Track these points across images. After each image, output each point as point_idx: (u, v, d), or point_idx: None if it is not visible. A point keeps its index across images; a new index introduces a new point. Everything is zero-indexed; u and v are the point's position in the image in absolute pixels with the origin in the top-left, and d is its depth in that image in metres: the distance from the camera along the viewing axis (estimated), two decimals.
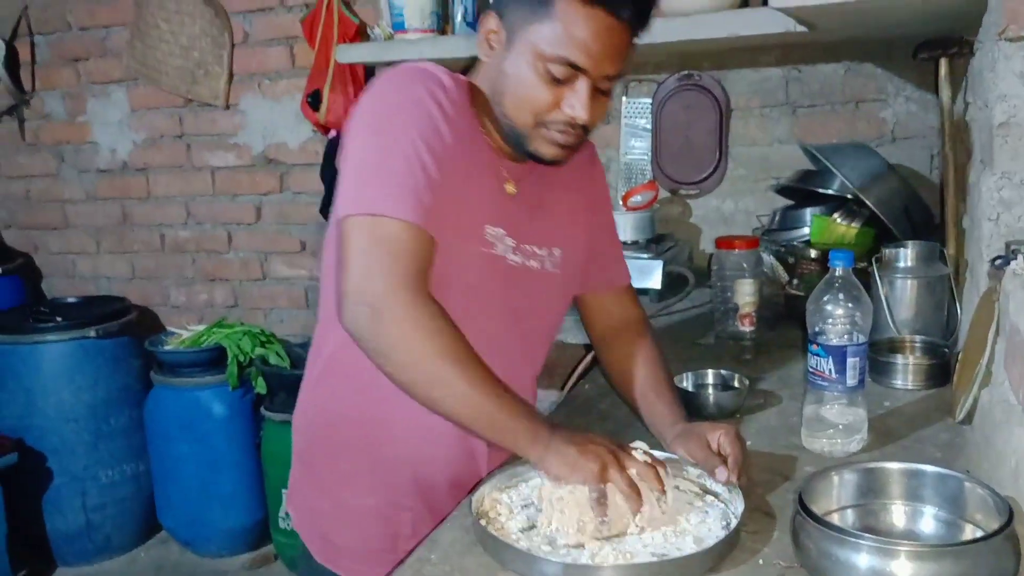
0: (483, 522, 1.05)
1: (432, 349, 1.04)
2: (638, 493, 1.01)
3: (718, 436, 1.13)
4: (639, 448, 1.09)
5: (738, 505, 1.04)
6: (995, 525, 0.87)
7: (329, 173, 2.84)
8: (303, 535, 1.36)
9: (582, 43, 1.08)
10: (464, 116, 1.17)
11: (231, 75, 3.14)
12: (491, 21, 1.17)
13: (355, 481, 1.28)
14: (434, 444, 1.24)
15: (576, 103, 1.12)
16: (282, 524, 2.83)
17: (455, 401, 1.06)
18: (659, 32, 2.07)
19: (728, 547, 0.99)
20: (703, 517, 1.06)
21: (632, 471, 1.03)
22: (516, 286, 1.25)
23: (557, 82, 1.11)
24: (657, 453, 1.11)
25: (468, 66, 1.27)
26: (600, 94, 1.15)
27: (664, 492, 1.04)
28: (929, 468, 1.02)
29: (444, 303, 1.09)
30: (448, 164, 1.11)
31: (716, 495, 1.11)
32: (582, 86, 1.11)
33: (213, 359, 2.96)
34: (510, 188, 1.23)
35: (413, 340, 1.04)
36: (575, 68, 1.10)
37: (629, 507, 1.01)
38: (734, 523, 1.01)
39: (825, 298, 1.23)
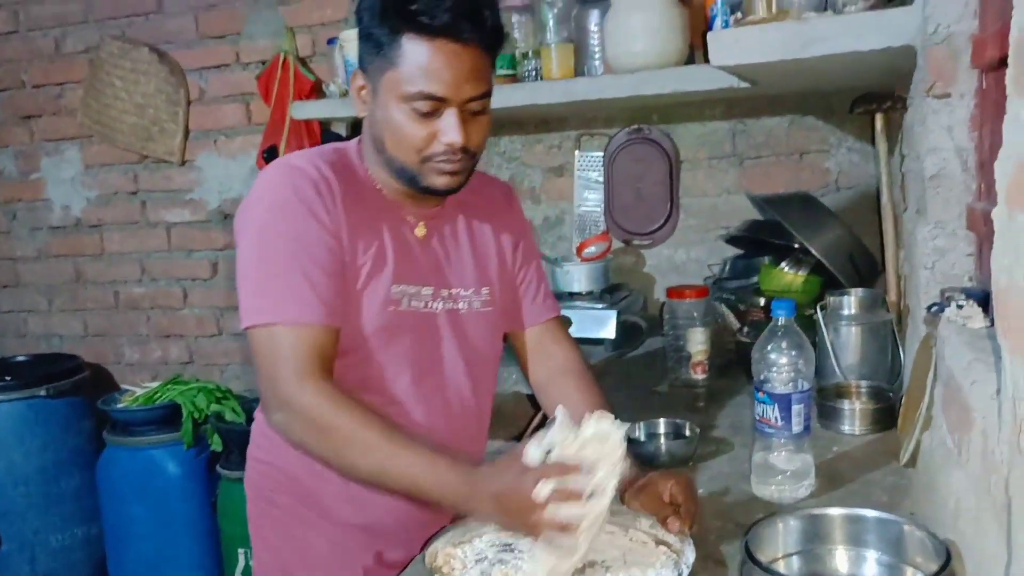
0: None
1: (336, 443, 1.12)
2: (567, 526, 0.99)
3: (670, 486, 1.14)
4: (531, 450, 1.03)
5: (689, 555, 1.05)
6: (934, 568, 0.90)
7: None
8: None
9: (434, 74, 1.14)
10: (352, 186, 1.23)
11: (187, 132, 3.14)
12: (359, 78, 1.24)
13: (308, 526, 1.32)
14: (383, 494, 1.25)
15: (449, 131, 1.17)
16: None
17: (375, 482, 1.14)
18: (608, 88, 2.18)
19: None
20: (657, 569, 1.06)
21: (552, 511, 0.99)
22: (441, 332, 1.29)
23: (426, 116, 1.17)
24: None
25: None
26: (473, 115, 1.20)
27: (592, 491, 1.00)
28: (871, 513, 1.04)
29: (377, 365, 1.20)
30: (337, 246, 1.18)
31: (668, 545, 1.12)
32: (449, 114, 1.17)
33: (167, 417, 2.90)
34: (420, 231, 1.29)
35: (319, 439, 1.13)
36: (436, 99, 1.15)
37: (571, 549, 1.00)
38: (686, 573, 1.02)
39: (769, 347, 1.26)
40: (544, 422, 2.06)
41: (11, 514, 2.91)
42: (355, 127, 1.32)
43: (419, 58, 1.14)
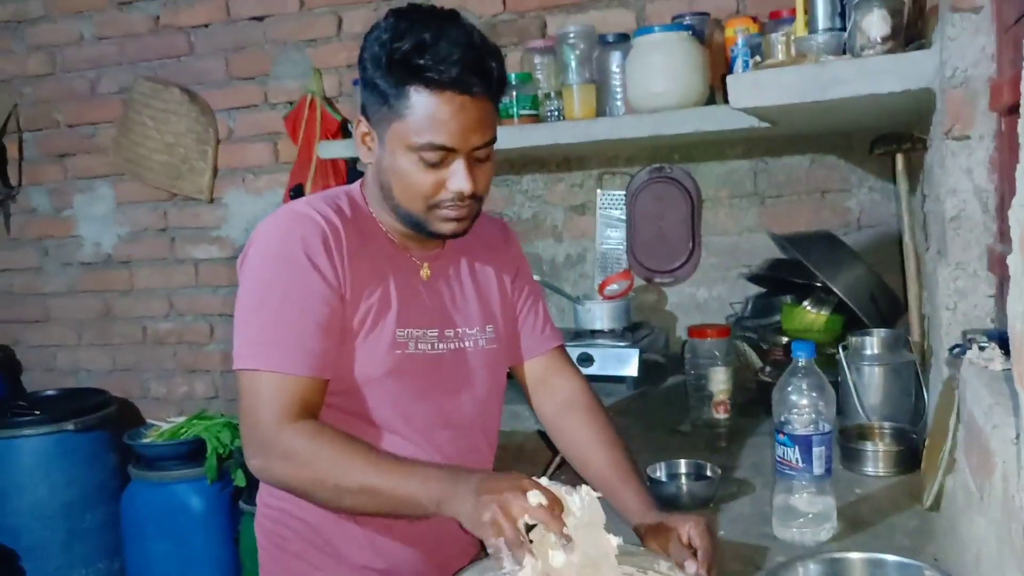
0: None
1: (319, 473, 1.12)
2: (521, 544, 0.98)
3: (688, 528, 1.14)
4: (535, 493, 1.02)
5: None
6: None
7: None
8: None
9: (442, 126, 1.15)
10: (357, 232, 1.24)
11: (215, 170, 3.20)
12: (362, 126, 1.25)
13: (322, 568, 1.30)
14: (391, 529, 1.27)
15: (458, 180, 1.19)
16: None
17: (362, 502, 1.12)
18: (629, 128, 2.20)
19: None
20: None
21: (525, 515, 1.00)
22: (446, 373, 1.30)
23: (434, 166, 1.18)
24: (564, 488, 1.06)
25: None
26: (479, 162, 1.22)
27: (564, 534, 0.99)
28: (890, 558, 1.04)
29: (379, 409, 1.21)
30: (337, 301, 1.20)
31: None
32: (458, 164, 1.19)
33: (192, 452, 2.92)
34: (425, 273, 1.31)
35: (301, 474, 1.13)
36: (445, 149, 1.17)
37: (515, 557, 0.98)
38: None
39: (789, 388, 1.26)
40: (564, 462, 2.06)
41: (35, 549, 2.93)
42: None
43: (427, 110, 1.15)
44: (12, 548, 2.90)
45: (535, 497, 1.01)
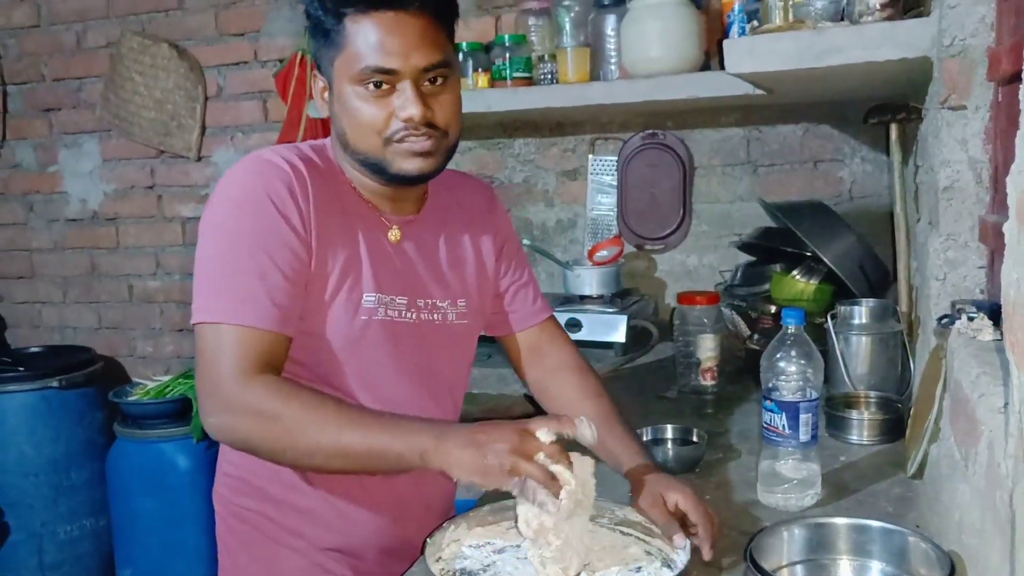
0: (438, 567, 1.06)
1: (289, 428, 1.04)
2: (554, 478, 0.98)
3: (676, 499, 1.12)
4: (542, 430, 1.02)
5: (683, 555, 1.05)
6: None
7: None
8: None
9: (379, 47, 1.10)
10: (325, 186, 1.18)
11: (204, 128, 3.17)
12: (318, 81, 1.20)
13: (282, 547, 1.26)
14: (357, 511, 1.24)
15: (405, 103, 1.12)
16: None
17: (339, 455, 1.05)
18: (624, 93, 2.18)
19: None
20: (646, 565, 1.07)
21: (540, 456, 0.99)
22: (414, 343, 1.25)
23: (382, 95, 1.13)
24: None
25: None
26: (435, 91, 1.15)
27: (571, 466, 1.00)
28: (875, 523, 1.04)
29: (343, 376, 1.13)
30: (304, 252, 1.13)
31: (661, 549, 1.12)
32: (404, 86, 1.12)
33: (178, 411, 2.92)
34: (394, 235, 1.24)
35: (268, 430, 1.05)
36: (386, 72, 1.11)
37: (549, 491, 0.98)
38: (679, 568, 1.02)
39: (778, 355, 1.27)
40: None
41: (20, 505, 2.93)
42: None
43: (363, 34, 1.11)
44: None
45: (545, 435, 1.00)
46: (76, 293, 3.49)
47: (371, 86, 1.12)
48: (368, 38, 1.10)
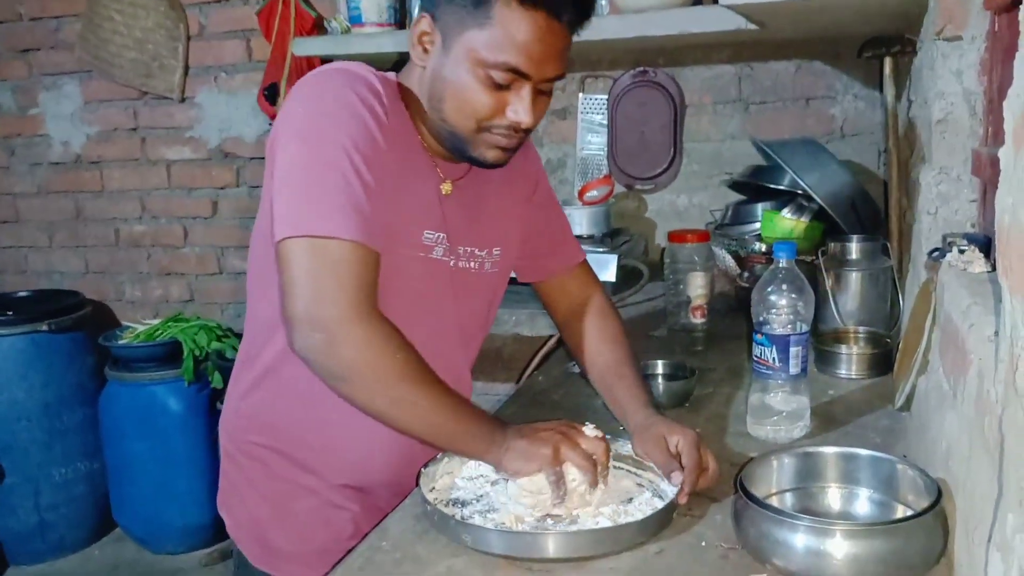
0: (432, 496, 1.08)
1: (391, 372, 1.04)
2: (594, 465, 1.06)
3: (676, 440, 1.13)
4: (589, 426, 1.12)
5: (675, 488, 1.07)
6: (925, 504, 0.91)
7: None
8: (239, 542, 1.32)
9: (523, 47, 1.06)
10: (397, 118, 1.14)
11: (187, 68, 3.11)
12: (424, 23, 1.13)
13: (293, 484, 1.26)
14: (373, 448, 1.24)
15: (520, 108, 1.10)
16: None
17: (415, 419, 1.07)
18: (614, 29, 2.15)
19: (664, 518, 1.03)
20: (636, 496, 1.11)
21: (584, 445, 1.08)
22: (452, 288, 1.25)
23: (498, 87, 1.09)
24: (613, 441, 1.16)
25: (399, 62, 1.25)
26: (541, 95, 1.14)
27: (607, 467, 1.10)
28: (863, 452, 1.06)
29: (385, 308, 1.08)
30: (384, 170, 1.08)
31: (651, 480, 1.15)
32: (526, 91, 1.10)
33: (168, 354, 2.93)
34: (446, 188, 1.22)
35: (372, 364, 1.03)
36: (517, 73, 1.08)
37: (586, 479, 1.05)
38: (669, 498, 1.05)
39: (769, 289, 1.27)
40: (541, 364, 2.07)
41: (14, 448, 2.95)
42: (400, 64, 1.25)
43: (511, 26, 1.05)
44: None
45: (591, 429, 1.11)
46: (62, 237, 3.46)
47: (496, 77, 1.08)
48: (517, 32, 1.06)
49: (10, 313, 2.99)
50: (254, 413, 1.27)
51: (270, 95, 2.82)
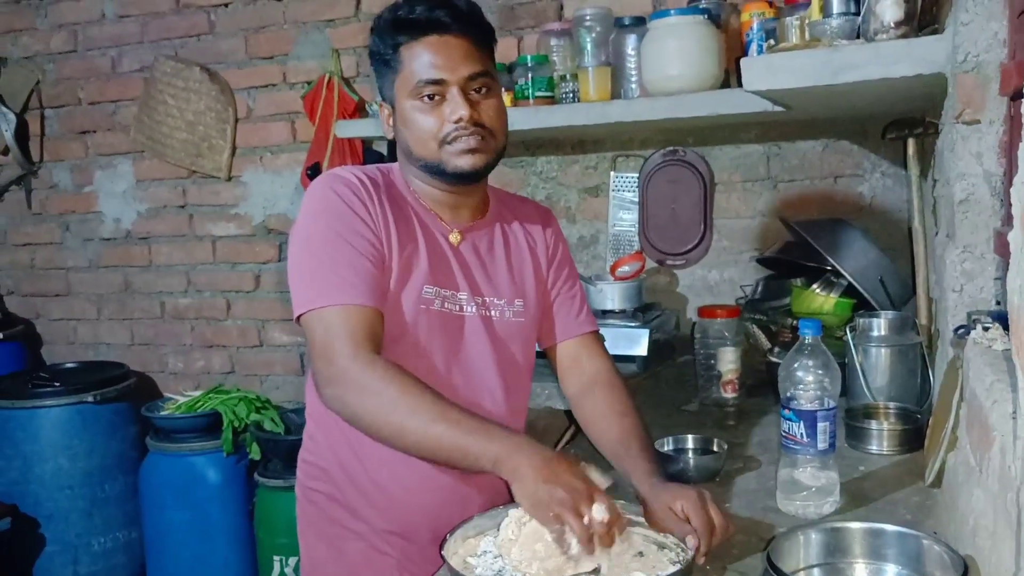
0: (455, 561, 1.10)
1: (386, 406, 1.17)
2: (590, 538, 1.03)
3: (680, 504, 1.15)
4: (600, 502, 1.07)
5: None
6: None
7: None
8: None
9: (430, 64, 1.29)
10: (393, 191, 1.36)
11: (234, 148, 3.24)
12: (384, 109, 1.39)
13: (344, 528, 1.38)
14: (410, 485, 1.33)
15: (455, 107, 1.29)
16: None
17: (424, 443, 1.16)
18: (644, 111, 2.22)
19: None
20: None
21: (586, 518, 1.04)
22: (467, 335, 1.36)
23: (434, 105, 1.30)
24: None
25: None
26: (482, 98, 1.32)
27: (611, 544, 1.06)
28: (890, 528, 1.07)
29: (399, 360, 1.23)
30: (377, 240, 1.28)
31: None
32: (452, 93, 1.30)
33: (209, 425, 2.98)
34: (455, 238, 1.39)
35: (370, 404, 1.19)
36: (436, 83, 1.29)
37: (584, 550, 1.04)
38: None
39: (795, 364, 1.29)
40: (575, 437, 2.09)
41: (56, 517, 3.00)
42: (395, 147, 1.42)
43: (416, 57, 1.29)
44: (34, 516, 2.97)
45: (600, 513, 1.05)
46: (110, 310, 3.57)
47: (425, 98, 1.30)
48: (420, 59, 1.29)
49: (58, 384, 3.07)
50: (313, 461, 1.42)
51: (313, 174, 2.92)
